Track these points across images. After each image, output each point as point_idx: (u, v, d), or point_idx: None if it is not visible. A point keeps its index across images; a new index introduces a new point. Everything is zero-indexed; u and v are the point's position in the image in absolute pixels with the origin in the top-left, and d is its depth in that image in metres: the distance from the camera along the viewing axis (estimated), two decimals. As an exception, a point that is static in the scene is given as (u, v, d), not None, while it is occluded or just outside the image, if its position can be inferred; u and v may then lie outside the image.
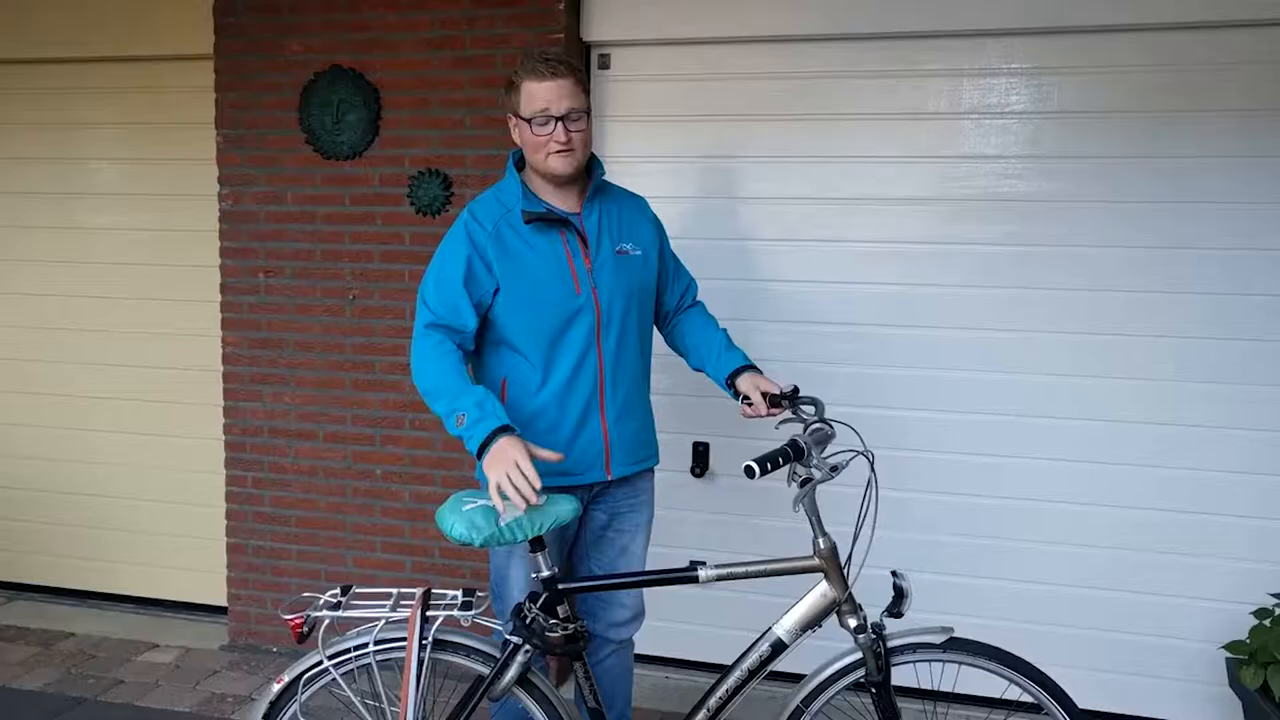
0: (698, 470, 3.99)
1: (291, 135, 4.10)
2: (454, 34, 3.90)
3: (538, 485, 2.29)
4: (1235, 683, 3.36)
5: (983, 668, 2.41)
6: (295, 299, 4.16)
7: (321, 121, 4.04)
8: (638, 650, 3.14)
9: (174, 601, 4.76)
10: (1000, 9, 3.53)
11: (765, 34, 3.75)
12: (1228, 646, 3.36)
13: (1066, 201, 3.60)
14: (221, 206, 4.21)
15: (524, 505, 2.28)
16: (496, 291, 2.61)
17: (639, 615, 2.94)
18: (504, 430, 2.36)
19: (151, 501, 4.73)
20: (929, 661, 2.41)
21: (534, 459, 2.33)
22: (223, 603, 4.49)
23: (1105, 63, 3.54)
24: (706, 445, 3.99)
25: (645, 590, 2.99)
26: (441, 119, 3.94)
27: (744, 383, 2.70)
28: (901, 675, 2.47)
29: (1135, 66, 3.52)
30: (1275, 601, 3.39)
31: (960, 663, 2.41)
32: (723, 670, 3.93)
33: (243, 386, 4.26)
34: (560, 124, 2.55)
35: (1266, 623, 3.30)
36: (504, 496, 2.28)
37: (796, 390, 2.62)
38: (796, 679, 2.67)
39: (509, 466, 2.28)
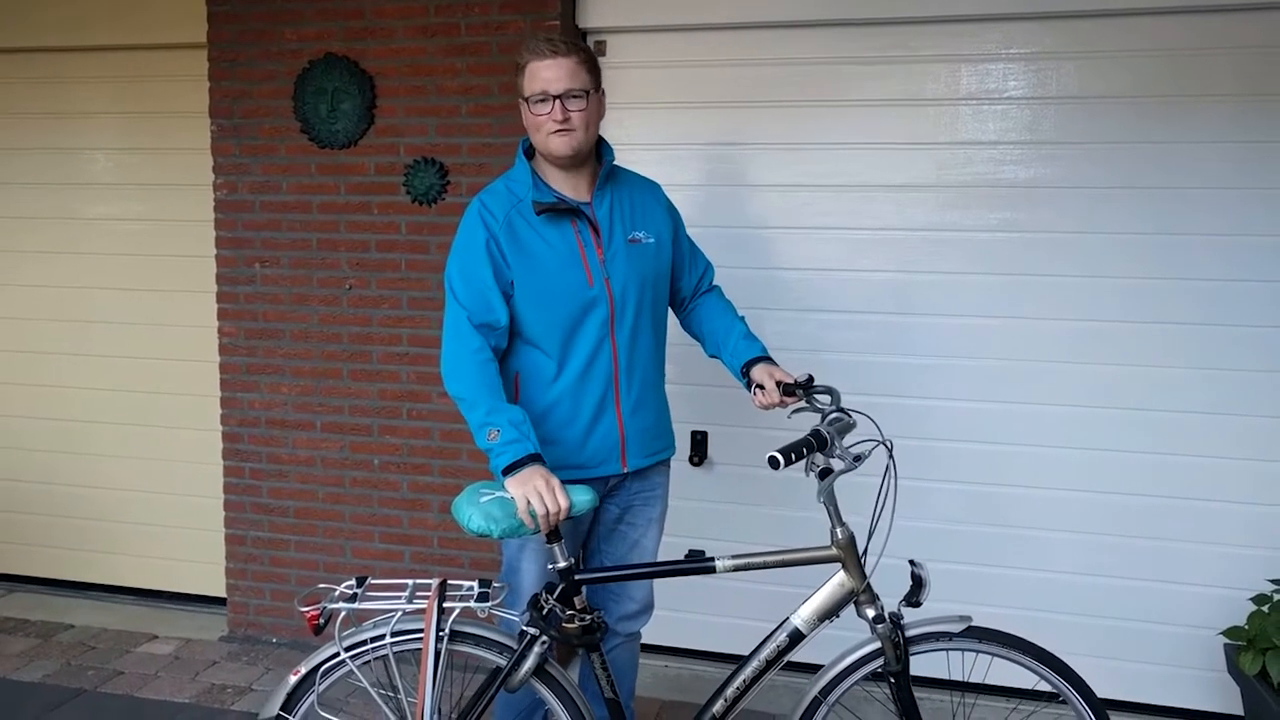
0: (696, 459, 3.99)
1: (286, 124, 4.07)
2: (449, 21, 3.87)
3: (564, 516, 2.34)
4: (1233, 668, 3.39)
5: (1002, 656, 2.41)
6: (291, 289, 4.13)
7: (316, 110, 4.01)
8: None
9: (173, 593, 4.74)
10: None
11: (761, 20, 3.75)
12: (1226, 632, 3.39)
13: (1065, 187, 3.61)
14: (216, 196, 4.18)
15: (545, 527, 2.34)
16: (511, 284, 2.58)
17: (648, 608, 2.95)
18: (536, 458, 2.37)
19: (149, 493, 4.70)
20: (947, 650, 2.42)
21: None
22: (221, 594, 4.48)
23: (1102, 48, 3.55)
24: (705, 434, 4.00)
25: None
26: (437, 107, 3.92)
27: (758, 372, 2.67)
28: (923, 666, 2.48)
29: (1131, 51, 3.53)
30: (1274, 587, 3.41)
31: (979, 651, 2.41)
32: (724, 660, 3.99)
33: (239, 377, 4.23)
34: (558, 103, 2.52)
35: (1265, 608, 3.33)
36: (532, 513, 2.32)
37: (811, 379, 2.58)
38: (813, 669, 2.68)
39: (541, 488, 2.31)
